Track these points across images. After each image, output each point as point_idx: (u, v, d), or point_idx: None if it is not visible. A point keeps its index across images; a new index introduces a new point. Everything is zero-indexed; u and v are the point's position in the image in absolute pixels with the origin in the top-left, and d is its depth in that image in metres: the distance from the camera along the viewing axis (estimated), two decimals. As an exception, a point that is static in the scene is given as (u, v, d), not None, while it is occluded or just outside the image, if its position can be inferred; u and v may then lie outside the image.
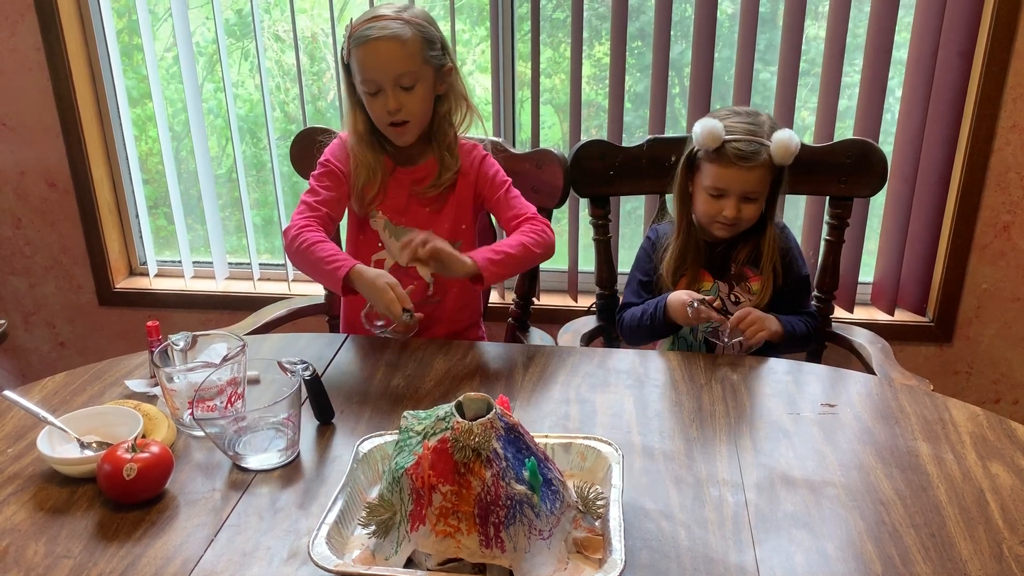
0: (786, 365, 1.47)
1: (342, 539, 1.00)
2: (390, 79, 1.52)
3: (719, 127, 1.57)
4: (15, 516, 1.09)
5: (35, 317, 2.57)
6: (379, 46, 1.51)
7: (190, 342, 1.32)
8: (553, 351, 1.55)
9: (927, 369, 2.23)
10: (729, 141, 1.57)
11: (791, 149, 1.56)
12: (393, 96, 1.53)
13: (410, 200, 1.65)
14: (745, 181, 1.57)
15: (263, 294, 2.43)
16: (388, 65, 1.52)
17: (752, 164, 1.56)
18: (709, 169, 1.60)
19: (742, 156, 1.56)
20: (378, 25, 1.52)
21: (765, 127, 1.59)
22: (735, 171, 1.57)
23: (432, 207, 1.65)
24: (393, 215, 1.65)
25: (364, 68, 1.53)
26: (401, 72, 1.52)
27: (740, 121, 1.60)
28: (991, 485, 1.13)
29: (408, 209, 1.65)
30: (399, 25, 1.52)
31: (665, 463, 1.19)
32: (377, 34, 1.51)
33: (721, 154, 1.57)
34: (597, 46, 2.27)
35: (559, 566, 0.97)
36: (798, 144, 1.58)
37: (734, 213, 1.59)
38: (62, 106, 2.28)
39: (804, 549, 1.02)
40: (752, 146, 1.56)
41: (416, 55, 1.53)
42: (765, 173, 1.58)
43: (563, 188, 1.74)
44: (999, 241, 2.10)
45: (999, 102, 1.98)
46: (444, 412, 0.99)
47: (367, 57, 1.52)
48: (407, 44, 1.52)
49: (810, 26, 2.04)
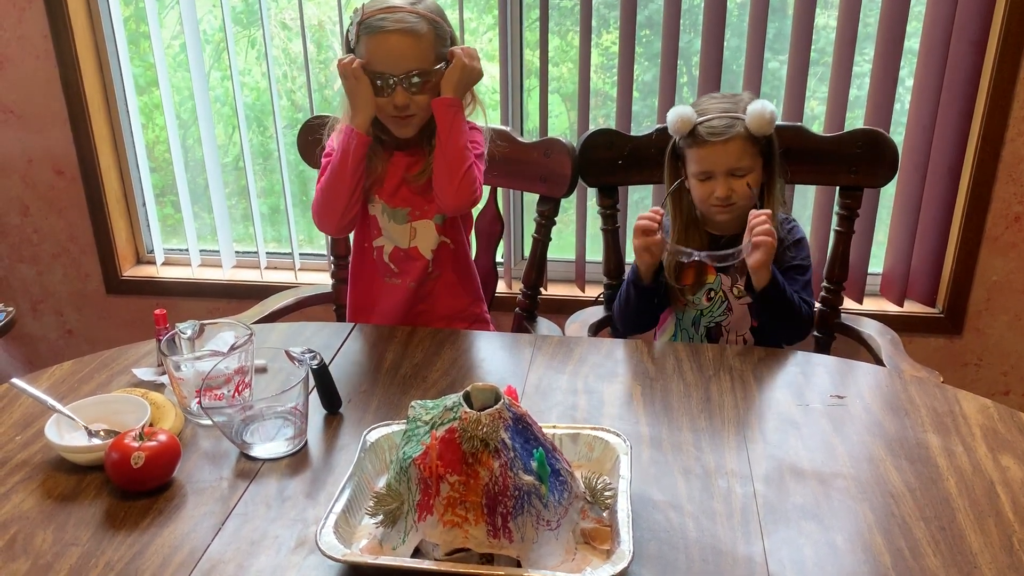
0: (795, 356, 1.47)
1: (349, 528, 1.00)
2: (401, 74, 1.50)
3: (688, 111, 1.59)
4: (23, 504, 1.09)
5: (43, 305, 2.58)
6: (392, 39, 1.49)
7: (198, 330, 1.32)
8: (561, 341, 1.54)
9: (936, 361, 2.22)
10: (701, 122, 1.58)
11: (766, 116, 1.55)
12: (401, 90, 1.51)
13: (401, 183, 1.64)
14: (726, 157, 1.57)
15: (270, 283, 2.43)
16: (401, 60, 1.50)
17: (727, 138, 1.56)
18: (691, 155, 1.61)
19: (714, 132, 1.56)
20: (393, 17, 1.48)
21: (742, 104, 1.59)
22: (712, 149, 1.57)
23: (424, 193, 1.63)
24: (388, 198, 1.65)
25: (374, 60, 1.51)
26: (413, 68, 1.50)
27: (715, 102, 1.61)
28: (1002, 478, 1.13)
29: (399, 192, 1.64)
30: (414, 19, 1.49)
31: (673, 454, 1.19)
32: (392, 27, 1.48)
33: (696, 136, 1.58)
34: (605, 35, 2.25)
35: (567, 557, 0.96)
36: (773, 112, 1.56)
37: (724, 192, 1.58)
38: (69, 94, 2.28)
39: (813, 541, 1.02)
40: (724, 120, 1.57)
41: (429, 51, 1.51)
42: (744, 144, 1.57)
43: (571, 177, 1.73)
44: (1010, 232, 2.09)
45: (1012, 92, 1.96)
46: (452, 402, 0.98)
47: (378, 49, 1.50)
48: (421, 40, 1.50)
49: (820, 15, 2.02)
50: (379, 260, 1.69)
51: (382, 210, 1.66)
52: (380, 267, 1.69)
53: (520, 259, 2.38)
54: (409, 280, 1.68)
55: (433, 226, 1.65)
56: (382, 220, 1.66)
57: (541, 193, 1.79)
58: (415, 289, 1.68)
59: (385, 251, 1.68)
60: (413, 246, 1.66)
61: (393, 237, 1.66)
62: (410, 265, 1.67)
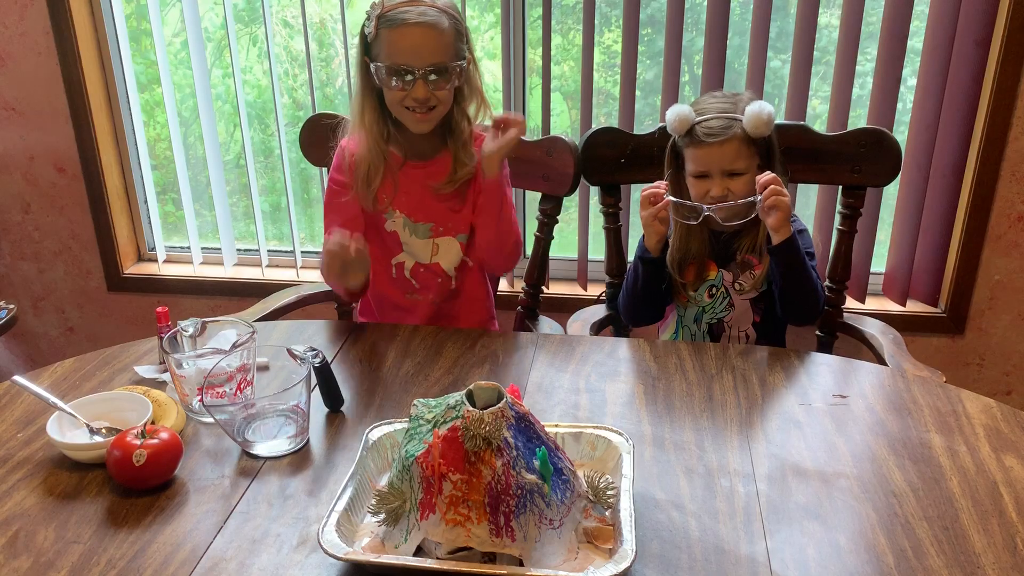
0: (797, 356, 1.46)
1: (352, 527, 1.00)
2: (424, 67, 1.48)
3: (686, 110, 1.59)
4: (25, 501, 1.09)
5: (44, 302, 2.58)
6: (415, 32, 1.48)
7: (199, 328, 1.31)
8: (563, 340, 1.54)
9: (938, 360, 2.22)
10: (699, 122, 1.58)
11: (763, 118, 1.55)
12: (422, 84, 1.49)
13: (425, 195, 1.62)
14: (722, 157, 1.57)
15: (272, 280, 2.43)
16: (424, 53, 1.48)
17: (724, 139, 1.56)
18: (688, 154, 1.61)
19: (711, 133, 1.56)
20: (416, 10, 1.48)
21: (741, 104, 1.59)
22: (709, 149, 1.57)
23: (449, 203, 1.62)
24: (411, 212, 1.62)
25: (396, 52, 1.49)
26: (434, 62, 1.49)
27: (714, 102, 1.61)
28: (1005, 478, 1.13)
29: (424, 204, 1.62)
30: (436, 13, 1.49)
31: (676, 453, 1.18)
32: (416, 19, 1.47)
33: (693, 136, 1.58)
34: (607, 33, 2.25)
35: (569, 556, 0.96)
36: (770, 113, 1.56)
37: (720, 191, 1.58)
38: (71, 91, 2.28)
39: (816, 541, 1.02)
40: (721, 121, 1.57)
41: (450, 46, 1.50)
42: (741, 146, 1.57)
43: (574, 176, 1.72)
44: (1013, 232, 2.08)
45: (1015, 91, 1.96)
46: (455, 400, 0.98)
47: (401, 40, 1.48)
48: (443, 34, 1.49)
49: (823, 13, 2.02)
50: (399, 277, 1.67)
51: (403, 224, 1.63)
52: (401, 283, 1.68)
53: (522, 257, 2.38)
54: (431, 296, 1.67)
55: (457, 244, 1.64)
56: (403, 235, 1.64)
57: (543, 191, 1.78)
58: (438, 306, 1.67)
59: (406, 267, 1.66)
60: (435, 262, 1.64)
61: (415, 253, 1.64)
62: (432, 281, 1.66)
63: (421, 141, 1.61)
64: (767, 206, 1.51)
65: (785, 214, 1.51)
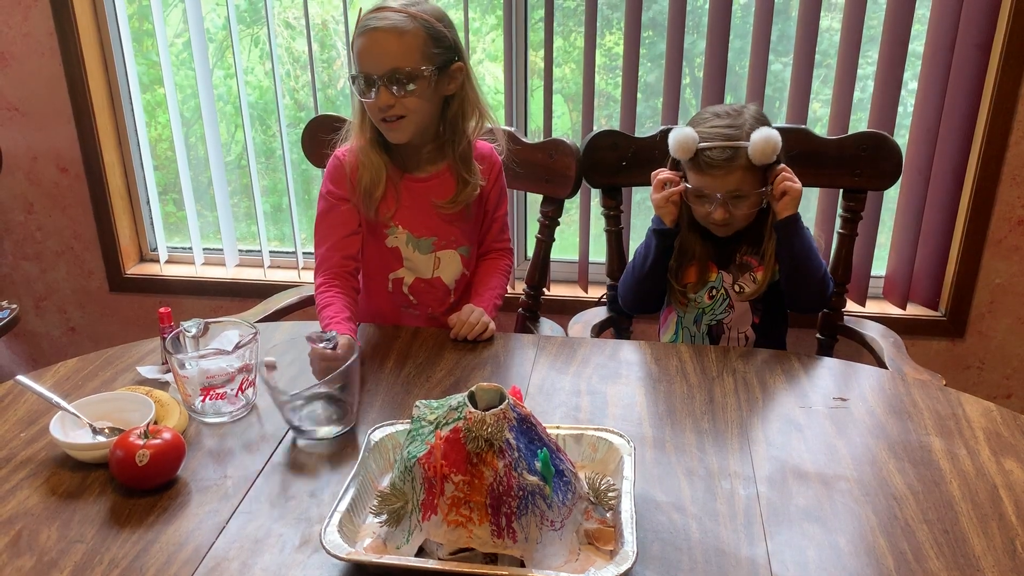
0: (797, 359, 1.47)
1: (354, 527, 1.00)
2: (383, 72, 1.44)
3: (691, 137, 1.55)
4: (28, 500, 1.09)
5: (46, 302, 2.58)
6: (376, 37, 1.44)
7: (202, 329, 1.32)
8: (564, 342, 1.54)
9: (938, 364, 2.22)
10: (703, 149, 1.55)
11: (768, 149, 1.52)
12: (384, 91, 1.45)
13: (426, 210, 1.59)
14: (725, 184, 1.55)
15: (273, 281, 2.43)
16: (383, 58, 1.44)
17: (727, 170, 1.54)
18: (691, 176, 1.59)
19: (715, 164, 1.54)
20: (379, 16, 1.45)
21: (745, 127, 1.55)
22: (712, 177, 1.55)
23: (452, 220, 1.60)
24: (413, 227, 1.59)
25: (360, 59, 1.46)
26: (394, 66, 1.44)
27: (718, 125, 1.56)
28: (1005, 481, 1.13)
29: (426, 219, 1.59)
30: (401, 18, 1.44)
31: (677, 455, 1.19)
32: (375, 24, 1.44)
33: (697, 161, 1.56)
34: (608, 35, 2.25)
35: (570, 557, 0.97)
36: (777, 142, 1.53)
37: (722, 216, 1.56)
38: (74, 91, 2.29)
39: (816, 543, 1.02)
40: (725, 153, 1.53)
41: (415, 50, 1.45)
42: (745, 174, 1.55)
43: (575, 178, 1.73)
44: (1013, 236, 2.09)
45: (1016, 95, 1.96)
46: (457, 402, 0.99)
47: (363, 47, 1.45)
48: (405, 37, 1.44)
49: (824, 17, 2.02)
50: (396, 292, 1.64)
51: (407, 240, 1.60)
52: (397, 298, 1.65)
53: (523, 259, 2.38)
54: (428, 310, 1.66)
55: (458, 257, 1.63)
56: (406, 251, 1.61)
57: (545, 194, 1.79)
58: (435, 319, 1.65)
59: (405, 283, 1.63)
60: (436, 276, 1.63)
61: (417, 268, 1.62)
62: (431, 296, 1.64)
63: (416, 154, 1.58)
64: (778, 192, 1.53)
65: (794, 198, 1.54)
